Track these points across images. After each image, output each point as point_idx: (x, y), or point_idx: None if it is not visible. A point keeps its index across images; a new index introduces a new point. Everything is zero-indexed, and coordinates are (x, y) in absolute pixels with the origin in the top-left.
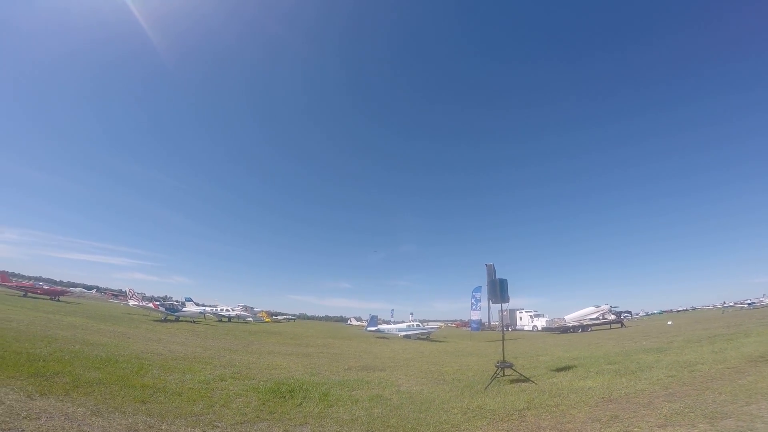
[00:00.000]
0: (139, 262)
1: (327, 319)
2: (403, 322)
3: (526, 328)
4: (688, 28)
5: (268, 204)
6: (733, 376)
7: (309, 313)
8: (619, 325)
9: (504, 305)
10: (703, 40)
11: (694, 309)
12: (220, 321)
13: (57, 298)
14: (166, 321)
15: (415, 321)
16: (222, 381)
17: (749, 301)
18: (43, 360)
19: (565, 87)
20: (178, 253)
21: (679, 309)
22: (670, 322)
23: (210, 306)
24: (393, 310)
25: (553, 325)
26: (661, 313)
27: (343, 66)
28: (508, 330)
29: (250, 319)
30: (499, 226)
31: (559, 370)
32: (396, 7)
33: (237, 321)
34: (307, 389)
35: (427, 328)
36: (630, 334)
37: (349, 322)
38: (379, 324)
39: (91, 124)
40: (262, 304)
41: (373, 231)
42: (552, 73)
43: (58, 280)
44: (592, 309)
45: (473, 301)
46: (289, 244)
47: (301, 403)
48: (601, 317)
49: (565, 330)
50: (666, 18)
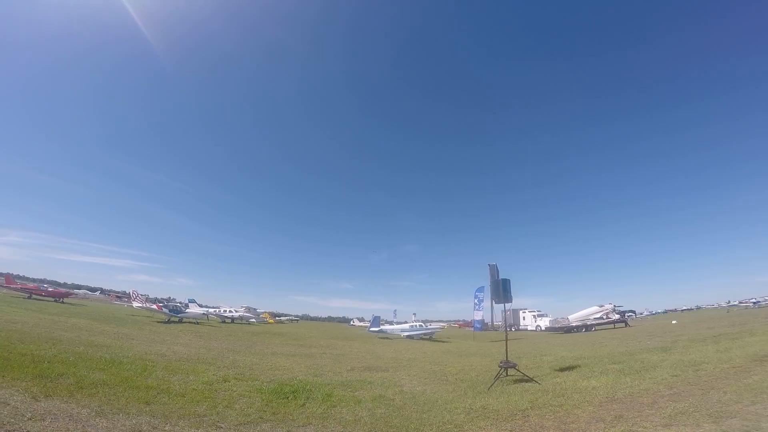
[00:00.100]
0: (143, 264)
1: (330, 319)
2: (405, 322)
3: (529, 328)
4: (693, 26)
5: (270, 205)
6: (738, 376)
7: (312, 314)
8: (623, 324)
9: (507, 305)
10: (708, 38)
11: (698, 308)
12: (224, 322)
13: (61, 299)
14: (169, 322)
15: (418, 321)
16: (225, 382)
17: (754, 300)
18: (48, 361)
19: (568, 86)
20: (182, 254)
21: (684, 308)
22: (674, 321)
23: (213, 307)
24: (396, 311)
25: (556, 325)
26: (666, 312)
27: (345, 66)
28: (511, 330)
29: (253, 320)
30: (502, 225)
31: (562, 369)
32: (397, 7)
33: (240, 322)
34: (310, 390)
35: (430, 329)
36: (634, 333)
37: (351, 323)
38: (382, 324)
39: (94, 126)
40: (265, 305)
41: (375, 231)
42: (555, 72)
43: (62, 282)
44: (595, 308)
45: (476, 301)
46: (292, 245)
47: (304, 404)
48: (604, 317)
49: (568, 330)
50: (670, 16)
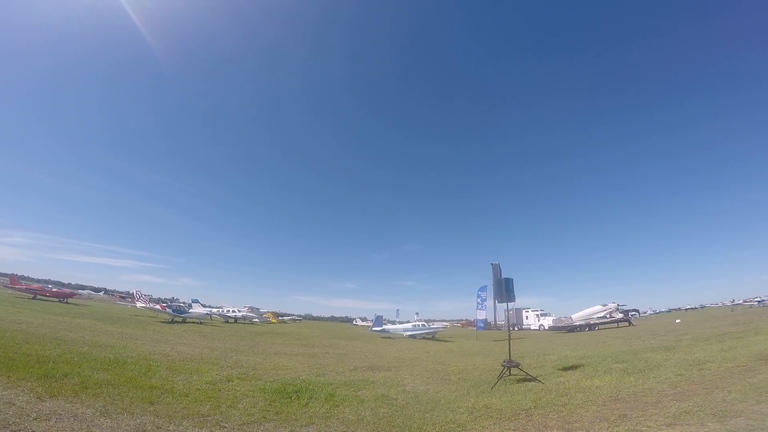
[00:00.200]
0: (147, 265)
1: (332, 319)
2: (408, 322)
3: (532, 328)
4: (694, 24)
5: (272, 205)
6: (743, 375)
7: (314, 314)
8: (626, 323)
9: (510, 304)
10: (711, 36)
11: (702, 307)
12: (227, 322)
13: (66, 300)
14: (173, 322)
15: (421, 321)
16: (229, 382)
17: (759, 299)
18: (53, 362)
19: (569, 84)
20: (185, 255)
21: (688, 307)
22: (678, 320)
23: (216, 307)
24: (398, 310)
25: (559, 324)
26: (669, 311)
27: (346, 66)
28: (514, 329)
29: (256, 320)
30: (505, 224)
31: (566, 369)
32: (397, 6)
33: (243, 322)
34: (313, 390)
35: (433, 328)
36: (638, 332)
37: (354, 323)
38: (385, 324)
39: (97, 127)
40: (268, 305)
41: (377, 231)
42: (555, 70)
43: (66, 282)
44: (599, 308)
45: (479, 300)
46: (294, 244)
47: (307, 404)
48: (608, 316)
49: (572, 329)
50: (670, 14)
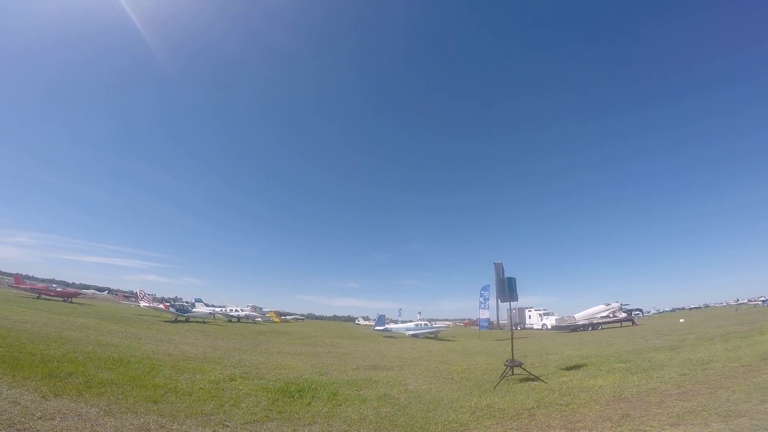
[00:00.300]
0: (150, 264)
1: (335, 318)
2: (410, 321)
3: (535, 327)
4: (696, 23)
5: (275, 204)
6: (747, 374)
7: (317, 313)
8: (630, 323)
9: (513, 304)
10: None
11: (706, 306)
12: (230, 321)
13: (70, 299)
14: (176, 322)
15: (423, 320)
16: (232, 381)
17: (763, 298)
18: (57, 361)
19: (576, 78)
20: (188, 254)
21: (692, 306)
22: (682, 320)
23: (219, 306)
24: (401, 309)
25: (562, 324)
26: (673, 310)
27: (351, 64)
28: (517, 329)
29: (259, 319)
30: (508, 223)
31: (569, 368)
32: (402, 4)
33: (246, 321)
34: (316, 389)
35: (435, 327)
36: (641, 332)
37: (356, 322)
38: (387, 323)
39: (103, 128)
40: (271, 304)
41: (380, 229)
42: (561, 65)
43: (70, 282)
44: (602, 307)
45: (481, 299)
46: (297, 243)
47: (309, 403)
48: (611, 315)
49: (575, 328)
50: (672, 13)
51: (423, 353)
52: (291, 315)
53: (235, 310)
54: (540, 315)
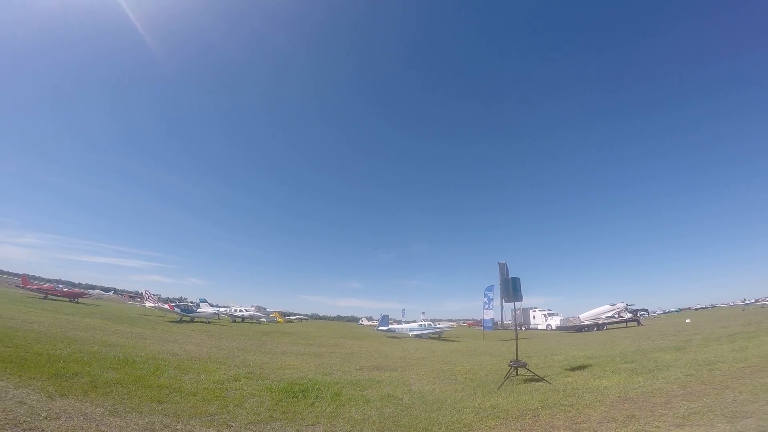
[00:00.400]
0: (155, 264)
1: (339, 319)
2: (414, 321)
3: (539, 327)
4: (699, 23)
5: (279, 204)
6: (754, 375)
7: (321, 313)
8: (635, 323)
9: (517, 304)
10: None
11: (713, 306)
12: (234, 321)
13: (76, 300)
14: (181, 322)
15: (427, 320)
16: (236, 381)
17: None
18: (63, 361)
19: (580, 81)
20: (193, 254)
21: (698, 306)
22: (688, 320)
23: (224, 307)
24: (404, 310)
25: (567, 324)
26: (679, 311)
27: (353, 65)
28: (521, 329)
29: (263, 319)
30: (512, 223)
31: (573, 369)
32: (404, 3)
33: (250, 321)
34: (320, 389)
35: (439, 328)
36: (647, 332)
37: (360, 322)
38: (391, 324)
39: (108, 129)
40: (275, 304)
41: (384, 230)
42: (564, 67)
43: (76, 282)
44: (607, 307)
45: (486, 300)
46: (301, 244)
47: (313, 403)
48: (616, 315)
49: (579, 329)
50: (673, 13)
51: (427, 354)
52: (295, 315)
53: (240, 311)
54: (544, 315)
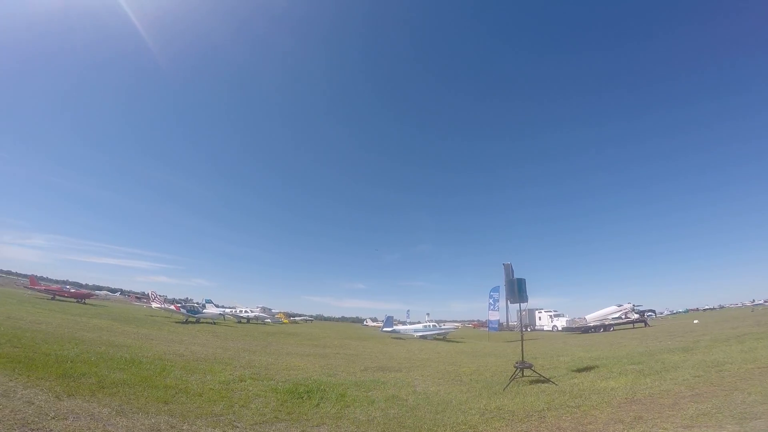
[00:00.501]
0: (162, 266)
1: (343, 320)
2: (419, 322)
3: (545, 329)
4: (704, 25)
5: (284, 205)
6: (763, 376)
7: (326, 314)
8: (642, 324)
9: (522, 305)
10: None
11: (721, 307)
12: (240, 322)
13: (83, 301)
14: (187, 323)
15: (432, 321)
16: (241, 382)
17: None
18: (71, 361)
19: (587, 80)
20: (198, 255)
21: (706, 307)
22: (696, 321)
23: (229, 308)
24: (409, 311)
25: (573, 325)
26: (687, 311)
27: (360, 64)
28: (527, 330)
29: (269, 320)
30: (518, 224)
31: (580, 370)
32: (412, 3)
33: (255, 322)
34: (325, 390)
35: (444, 329)
36: (654, 333)
37: (365, 323)
38: (395, 325)
39: (115, 131)
40: (280, 305)
41: (388, 231)
42: (572, 67)
43: (83, 283)
44: (614, 308)
45: (491, 301)
46: (306, 244)
47: (318, 404)
48: (623, 316)
49: (586, 330)
50: (675, 15)
51: (431, 355)
52: (300, 316)
53: (245, 311)
54: (550, 316)
